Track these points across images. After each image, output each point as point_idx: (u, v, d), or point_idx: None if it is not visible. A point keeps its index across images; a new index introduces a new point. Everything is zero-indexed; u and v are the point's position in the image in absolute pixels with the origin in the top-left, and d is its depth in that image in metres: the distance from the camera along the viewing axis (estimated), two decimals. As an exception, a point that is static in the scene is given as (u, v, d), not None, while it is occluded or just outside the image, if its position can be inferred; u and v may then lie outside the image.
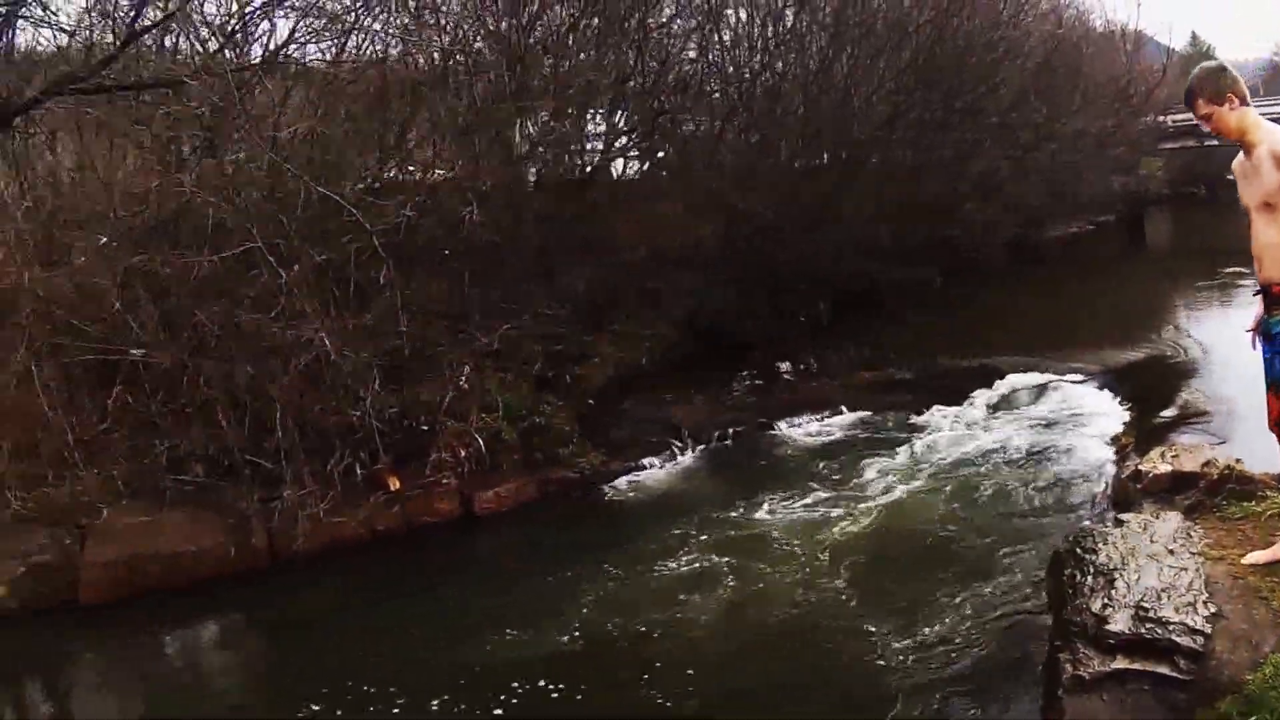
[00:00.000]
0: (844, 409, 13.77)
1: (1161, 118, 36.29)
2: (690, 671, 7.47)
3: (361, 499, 10.80)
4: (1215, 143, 50.65)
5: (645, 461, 12.44)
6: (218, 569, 10.05)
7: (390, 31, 12.89)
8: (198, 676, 8.68)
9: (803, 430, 13.26)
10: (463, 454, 11.61)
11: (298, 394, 10.85)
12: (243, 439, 10.76)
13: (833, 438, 12.89)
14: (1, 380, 10.72)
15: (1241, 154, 5.85)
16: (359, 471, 11.10)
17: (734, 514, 10.41)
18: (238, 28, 12.19)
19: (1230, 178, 5.94)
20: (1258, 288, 5.79)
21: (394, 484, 11.08)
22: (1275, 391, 5.65)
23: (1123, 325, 16.10)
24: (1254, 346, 5.72)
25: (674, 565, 9.30)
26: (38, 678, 8.79)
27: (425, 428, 11.76)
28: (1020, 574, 8.33)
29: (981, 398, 13.71)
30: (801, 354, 17.20)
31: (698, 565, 9.25)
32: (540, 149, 15.38)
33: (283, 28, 12.16)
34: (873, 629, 7.81)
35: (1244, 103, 5.68)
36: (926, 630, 7.65)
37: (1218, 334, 16.92)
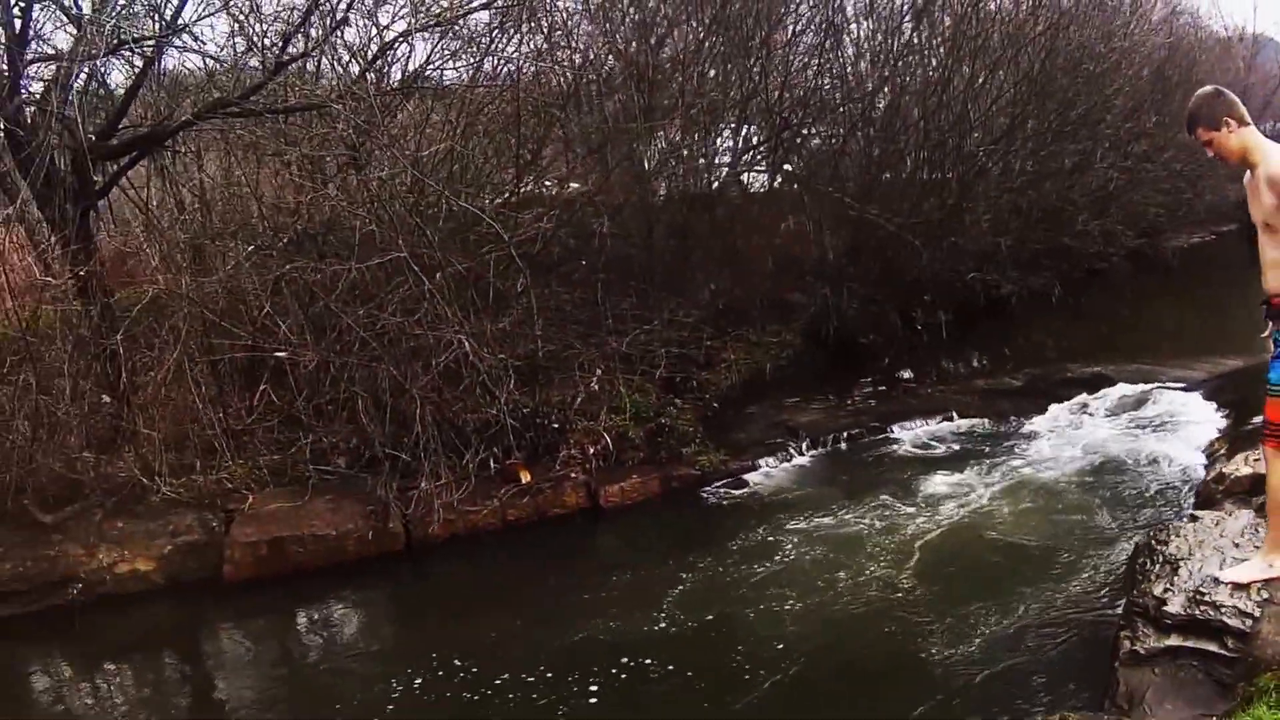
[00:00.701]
0: (955, 415, 13.96)
1: (1283, 123, 35.49)
2: (776, 657, 7.86)
3: (494, 491, 11.32)
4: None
5: (762, 462, 12.74)
6: (356, 552, 10.61)
7: (524, 53, 13.42)
8: (331, 648, 9.16)
9: (914, 435, 13.49)
10: (591, 451, 12.04)
11: (436, 392, 11.40)
12: (383, 433, 11.29)
13: (943, 442, 13.11)
14: (157, 377, 11.38)
15: (1248, 172, 6.07)
16: (492, 466, 11.62)
17: (839, 512, 10.74)
18: (379, 53, 12.86)
19: None
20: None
21: (525, 477, 11.57)
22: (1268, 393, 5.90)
23: (1233, 334, 15.99)
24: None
25: (777, 558, 9.68)
26: (179, 649, 9.34)
27: (556, 426, 12.22)
28: (1105, 569, 8.63)
29: (1087, 405, 13.87)
30: (921, 363, 17.54)
31: (799, 559, 9.64)
32: (670, 164, 15.81)
33: (421, 50, 12.76)
34: (961, 618, 8.16)
35: (1242, 124, 5.91)
36: (1009, 619, 8.01)
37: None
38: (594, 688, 7.60)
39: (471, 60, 13.17)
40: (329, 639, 9.40)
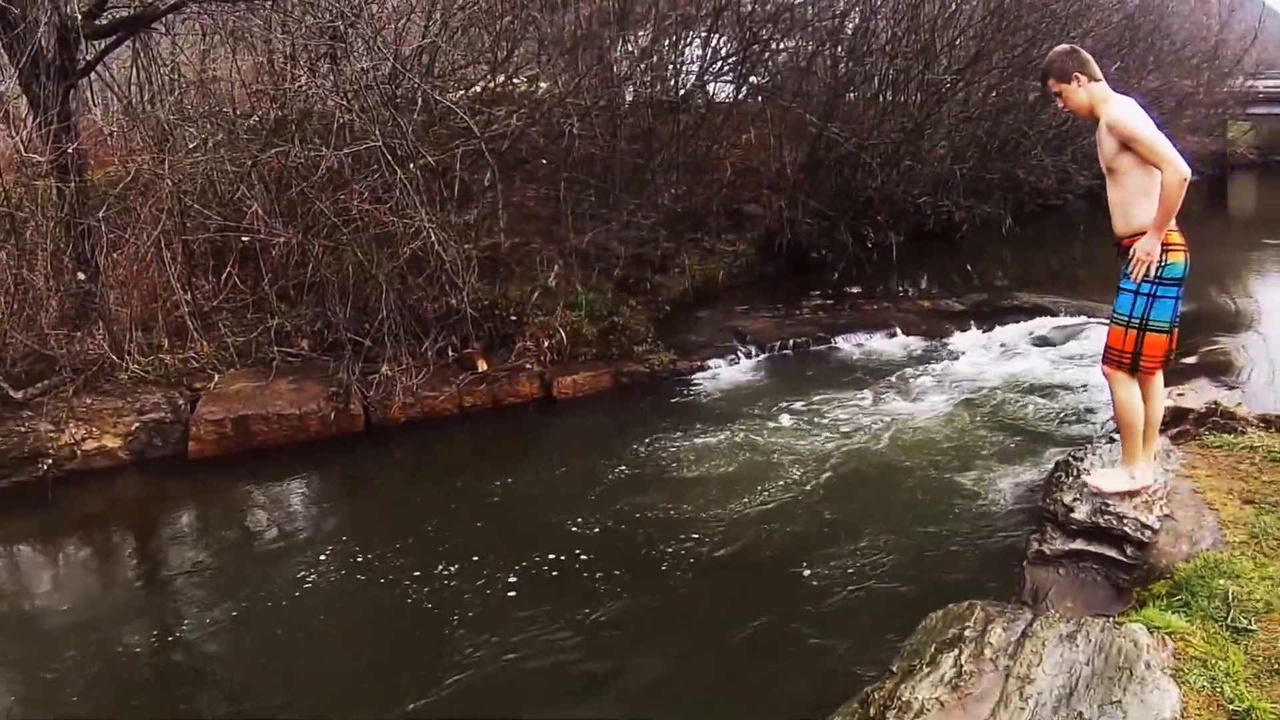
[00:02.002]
0: (899, 331, 14.39)
1: (1252, 82, 35.67)
2: (697, 552, 8.20)
3: (452, 377, 11.73)
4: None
5: (711, 363, 13.16)
6: (318, 432, 10.95)
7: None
8: (286, 523, 9.39)
9: (857, 346, 13.97)
10: (546, 344, 12.46)
11: (401, 279, 11.73)
12: (347, 318, 11.64)
13: (884, 356, 13.57)
14: (132, 254, 11.63)
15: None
16: (451, 354, 12.04)
17: (780, 414, 11.15)
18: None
19: None
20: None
21: (482, 366, 11.99)
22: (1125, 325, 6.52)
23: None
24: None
25: (716, 455, 10.05)
26: (143, 523, 9.62)
27: (514, 318, 12.60)
28: (1025, 482, 9.05)
29: (1025, 331, 14.34)
30: (869, 280, 17.95)
31: (736, 456, 10.01)
32: (639, 70, 16.04)
33: None
34: (882, 517, 8.60)
35: (1092, 80, 6.49)
36: (929, 521, 8.45)
37: (1273, 296, 17.46)
38: (517, 576, 7.89)
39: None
40: (285, 515, 9.66)
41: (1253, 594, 5.45)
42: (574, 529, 8.61)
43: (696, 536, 8.37)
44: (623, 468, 9.92)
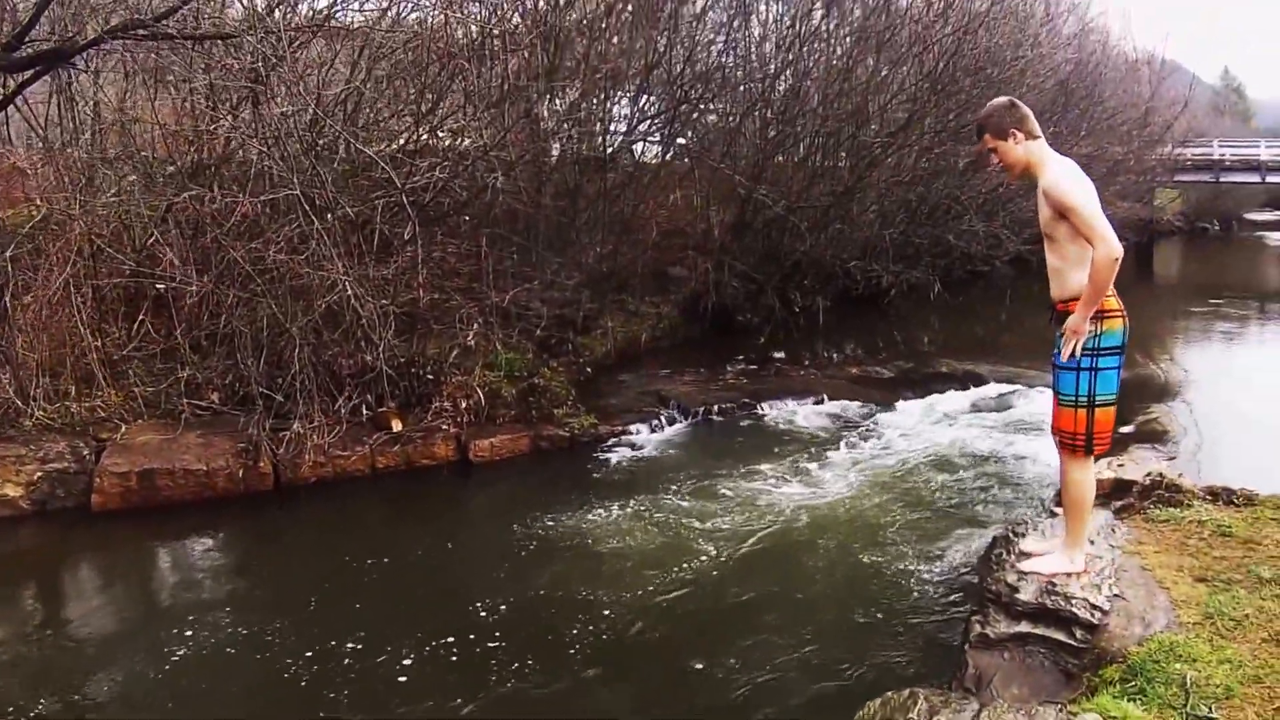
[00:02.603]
0: (826, 398, 14.27)
1: (1180, 150, 36.33)
2: (607, 626, 7.87)
3: (365, 437, 11.43)
4: (1236, 179, 51.20)
5: (633, 428, 12.92)
6: (226, 489, 10.59)
7: (433, 1, 13.42)
8: (188, 581, 9.04)
9: (784, 413, 13.77)
10: (463, 405, 12.18)
11: (316, 334, 11.48)
12: (259, 372, 11.36)
13: (812, 424, 13.38)
14: (40, 299, 11.28)
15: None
16: (366, 412, 11.76)
17: (703, 483, 10.86)
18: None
19: (1248, 215, 6.41)
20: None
21: (397, 426, 11.68)
22: (1074, 406, 6.21)
23: None
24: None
25: (636, 524, 9.73)
26: (40, 576, 9.24)
27: (431, 377, 12.33)
28: (963, 558, 8.80)
29: (958, 399, 14.32)
30: (796, 345, 17.91)
31: (656, 526, 9.69)
32: (566, 126, 15.92)
33: None
34: (813, 596, 8.31)
35: (1030, 137, 6.15)
36: (863, 600, 8.13)
37: (1200, 362, 17.56)
38: (414, 652, 7.46)
39: (381, 4, 13.12)
40: (184, 575, 9.30)
41: (1211, 679, 5.28)
42: (480, 603, 8.25)
43: (609, 616, 8.02)
44: (536, 538, 9.60)
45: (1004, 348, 18.05)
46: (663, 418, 13.38)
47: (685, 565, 8.85)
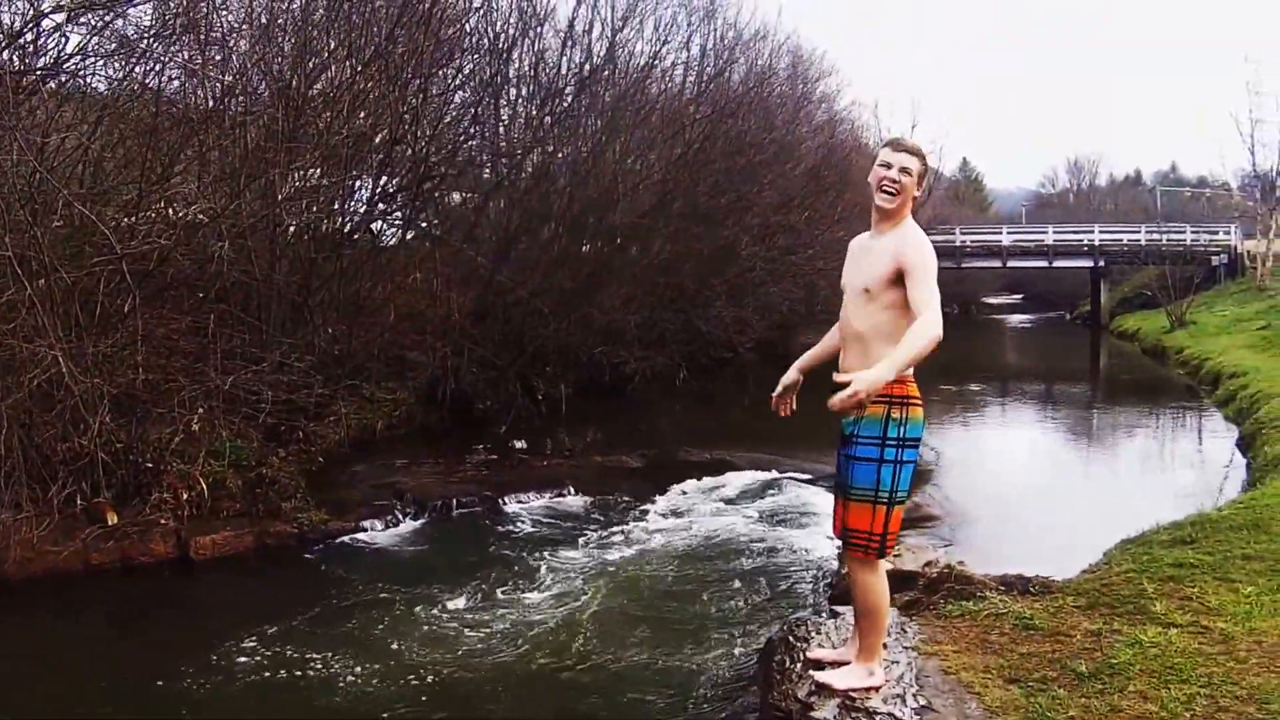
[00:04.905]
0: (571, 490, 14.20)
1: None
2: None
3: (79, 530, 10.83)
4: (976, 264, 53.45)
5: (366, 524, 12.57)
6: (-80, 585, 9.91)
7: (176, 63, 12.99)
8: None
9: (526, 508, 13.60)
10: (185, 497, 11.67)
11: (27, 414, 10.87)
12: (-41, 455, 10.71)
13: (556, 519, 13.23)
14: None
15: (868, 234, 6.04)
16: (79, 502, 11.15)
17: (439, 586, 10.47)
18: (22, 29, 12.10)
19: (985, 299, 6.11)
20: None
21: (112, 519, 11.12)
22: (873, 502, 5.73)
23: None
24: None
25: (365, 632, 9.32)
26: None
27: (150, 465, 11.79)
28: (732, 662, 8.48)
29: (709, 488, 14.38)
30: (538, 434, 17.82)
31: (387, 635, 9.25)
32: (304, 200, 15.54)
33: (73, 42, 12.12)
34: (562, 710, 7.99)
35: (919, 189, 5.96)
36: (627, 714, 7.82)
37: (954, 443, 18.00)
38: None
39: (123, 65, 12.61)
40: None
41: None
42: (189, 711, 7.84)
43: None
44: (250, 654, 8.88)
45: (752, 435, 18.09)
46: (398, 513, 13.06)
47: (411, 686, 8.29)
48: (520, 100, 19.91)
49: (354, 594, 10.48)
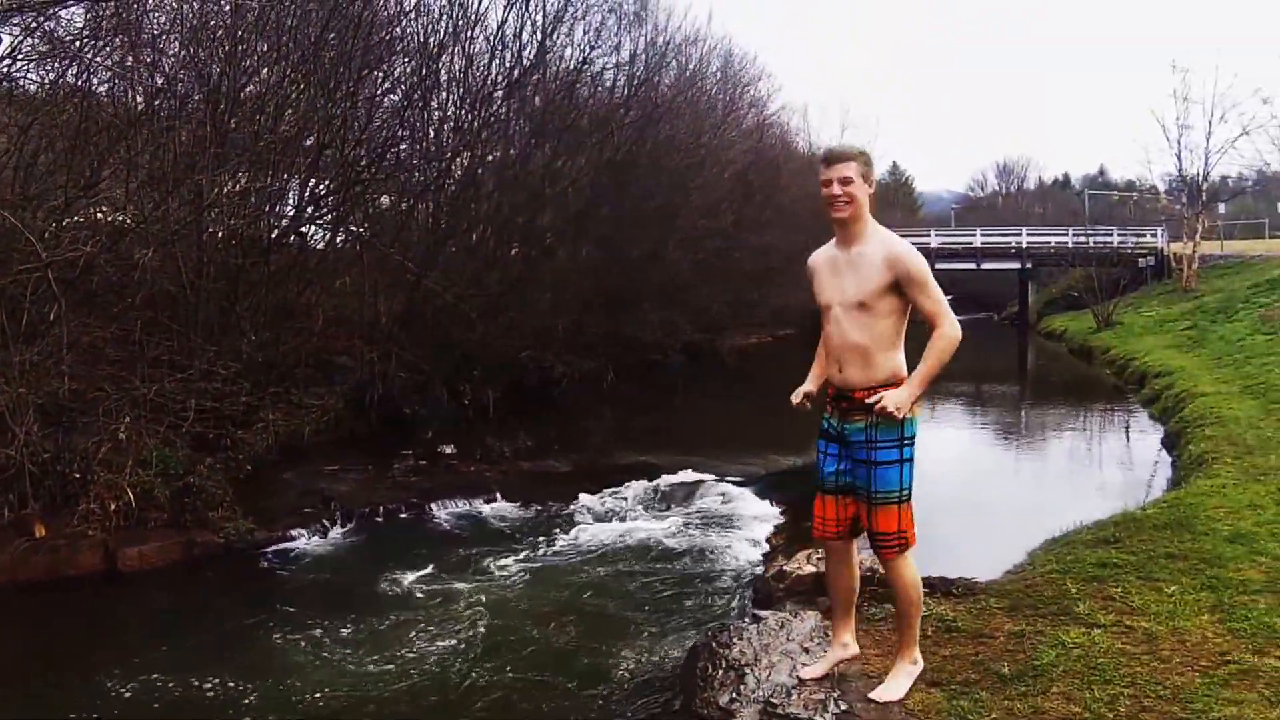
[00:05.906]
0: (499, 496, 14.28)
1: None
2: None
3: (8, 543, 10.80)
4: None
5: (294, 532, 12.62)
6: None
7: (106, 65, 12.96)
8: None
9: (454, 514, 13.72)
10: (112, 507, 11.63)
11: (-50, 425, 10.84)
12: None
13: (483, 524, 13.34)
14: None
15: (833, 246, 6.05)
16: (7, 514, 11.14)
17: (365, 594, 10.56)
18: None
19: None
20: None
21: (40, 531, 11.08)
22: (899, 502, 5.89)
23: (787, 435, 16.91)
24: None
25: (290, 643, 9.32)
26: None
27: (78, 475, 11.73)
28: (655, 671, 8.43)
29: (637, 493, 14.44)
30: (466, 439, 17.77)
31: (311, 646, 9.26)
32: (231, 204, 15.51)
33: (4, 43, 12.06)
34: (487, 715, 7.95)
35: (871, 188, 5.94)
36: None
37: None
38: None
39: (54, 66, 12.56)
40: None
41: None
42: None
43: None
44: (166, 668, 8.79)
45: (681, 439, 18.26)
46: (325, 521, 13.08)
47: (338, 697, 8.28)
48: (450, 103, 19.98)
49: (278, 605, 10.47)
